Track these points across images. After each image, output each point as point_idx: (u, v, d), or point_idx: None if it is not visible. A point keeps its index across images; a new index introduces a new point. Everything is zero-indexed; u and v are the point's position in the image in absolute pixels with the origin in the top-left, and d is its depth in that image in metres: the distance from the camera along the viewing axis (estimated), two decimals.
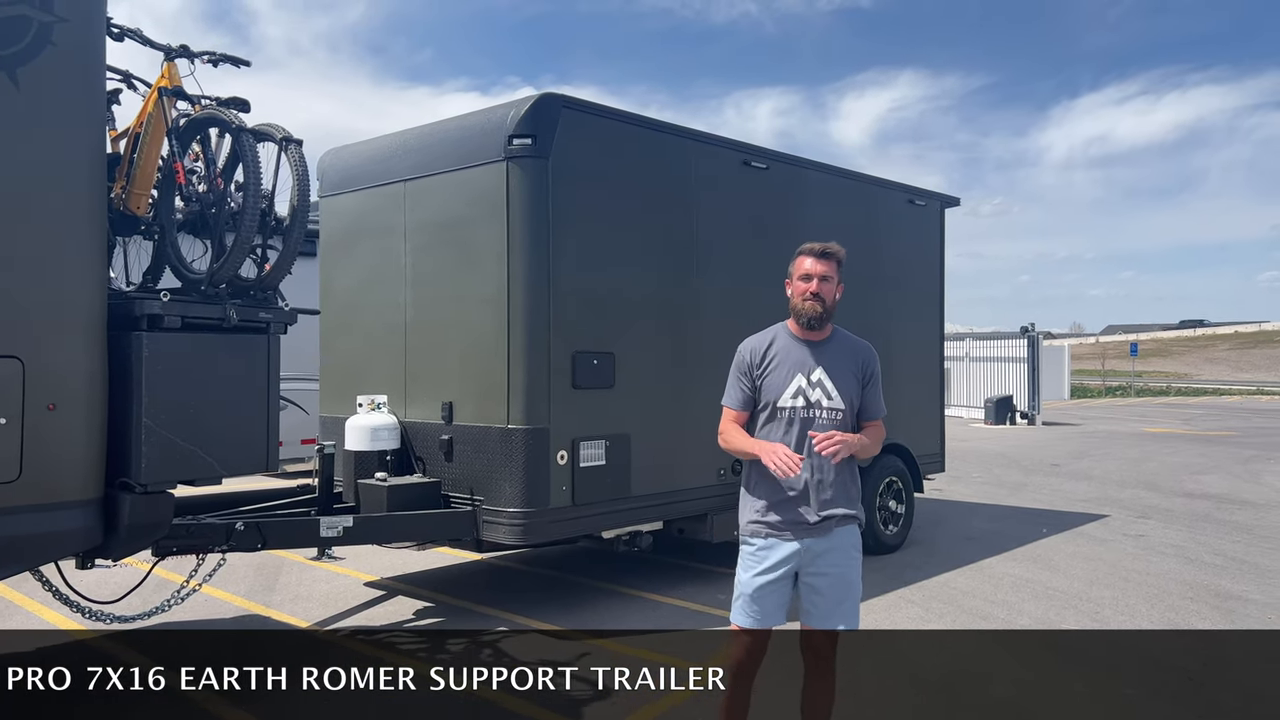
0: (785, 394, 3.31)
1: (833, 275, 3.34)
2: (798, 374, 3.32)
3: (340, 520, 5.51)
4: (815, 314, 3.31)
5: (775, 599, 3.30)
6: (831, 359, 3.35)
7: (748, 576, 3.33)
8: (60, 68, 4.04)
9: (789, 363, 3.34)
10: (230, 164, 4.99)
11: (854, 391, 3.35)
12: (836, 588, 3.29)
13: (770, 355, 3.37)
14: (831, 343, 3.39)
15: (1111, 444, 18.56)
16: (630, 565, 7.39)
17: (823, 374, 3.31)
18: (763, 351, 3.38)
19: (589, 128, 6.10)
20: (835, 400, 3.30)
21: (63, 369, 4.05)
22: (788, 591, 3.32)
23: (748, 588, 3.32)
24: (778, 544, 3.30)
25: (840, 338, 3.43)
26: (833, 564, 3.29)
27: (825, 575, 3.28)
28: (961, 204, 10.02)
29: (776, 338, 3.41)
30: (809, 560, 3.29)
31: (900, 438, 8.41)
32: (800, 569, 3.30)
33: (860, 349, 3.43)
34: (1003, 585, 7.04)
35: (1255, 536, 9.04)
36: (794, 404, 3.30)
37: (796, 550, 3.28)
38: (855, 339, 3.47)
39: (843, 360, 3.37)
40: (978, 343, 26.94)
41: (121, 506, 4.32)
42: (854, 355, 3.40)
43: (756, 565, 3.32)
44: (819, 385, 3.31)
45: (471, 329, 6.00)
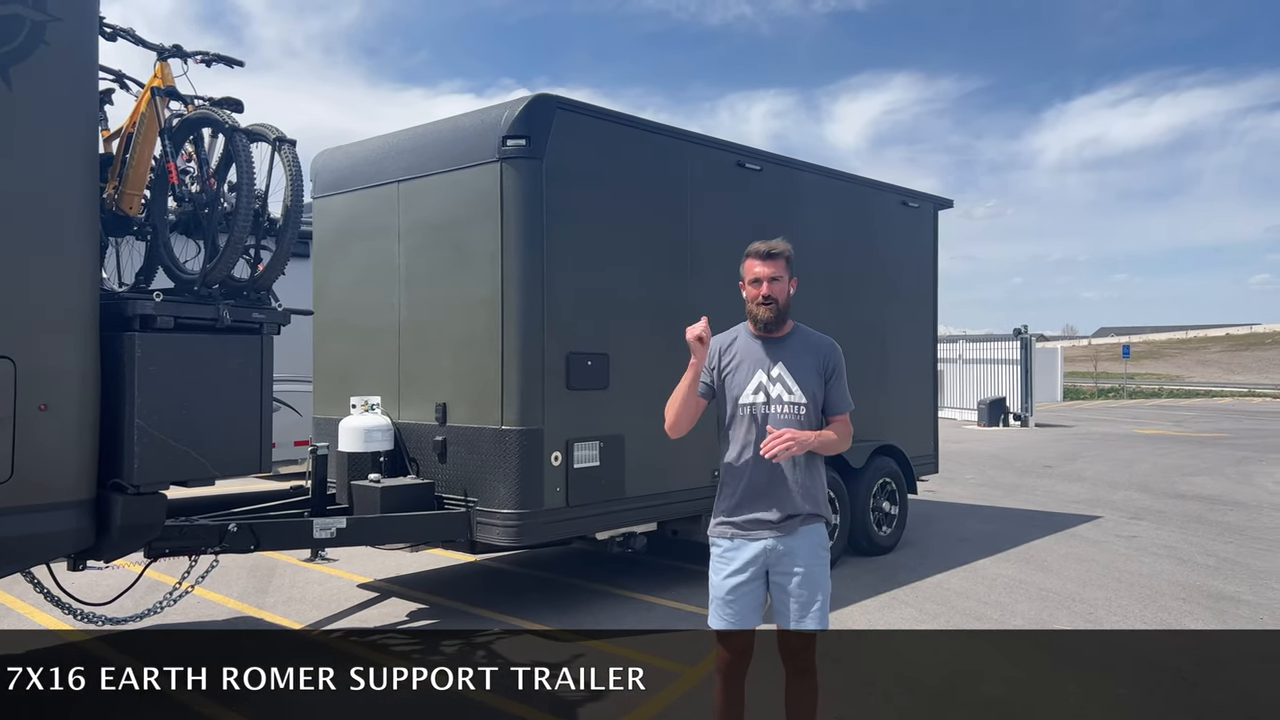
0: (746, 391, 3.33)
1: (782, 274, 3.35)
2: (757, 370, 3.34)
3: (333, 522, 5.50)
4: (770, 317, 3.34)
5: (749, 600, 3.31)
6: (791, 355, 3.37)
7: (718, 579, 3.34)
8: (53, 67, 4.03)
9: (749, 360, 3.36)
10: (223, 164, 4.97)
11: (816, 386, 3.35)
12: (804, 587, 3.28)
13: (731, 354, 3.39)
14: (792, 339, 3.41)
15: (1104, 446, 18.61)
16: (624, 567, 7.39)
17: (783, 369, 3.34)
18: (724, 350, 3.40)
19: (583, 129, 6.10)
20: (796, 395, 3.31)
21: (55, 369, 4.04)
22: (761, 592, 3.33)
23: (719, 590, 3.33)
24: (744, 544, 3.31)
25: (801, 334, 3.45)
26: (799, 563, 3.28)
27: (792, 575, 3.28)
28: (955, 206, 10.06)
29: (738, 337, 3.44)
30: (775, 560, 3.29)
31: (894, 439, 8.43)
32: (769, 569, 3.31)
33: (822, 344, 3.44)
34: (996, 586, 7.05)
35: (1247, 537, 9.07)
36: (755, 400, 3.32)
37: (763, 550, 3.29)
38: (817, 335, 3.48)
39: (803, 356, 3.38)
40: (971, 345, 27.00)
41: (114, 508, 4.30)
42: (815, 351, 3.41)
43: (726, 567, 3.33)
44: (779, 380, 3.33)
45: (465, 330, 6.00)
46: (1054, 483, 13.16)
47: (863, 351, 8.31)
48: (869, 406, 8.37)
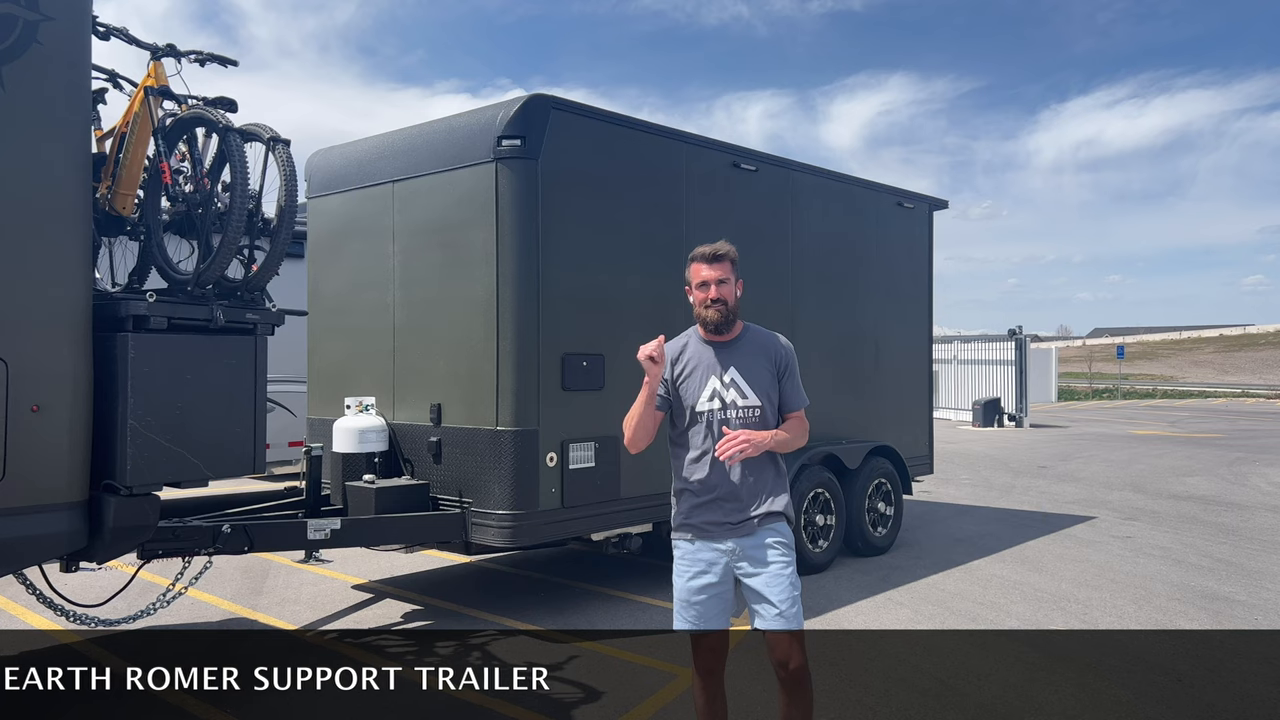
0: (701, 398, 3.31)
1: (728, 276, 3.32)
2: (711, 377, 3.32)
3: (328, 523, 5.49)
4: (719, 319, 3.31)
5: (713, 603, 3.26)
6: (743, 357, 3.34)
7: (680, 582, 3.30)
8: (46, 66, 4.01)
9: (702, 367, 3.34)
10: (217, 164, 4.95)
11: (769, 387, 3.33)
12: (772, 585, 3.21)
13: (684, 361, 3.37)
14: (742, 341, 3.38)
15: (1099, 446, 18.64)
16: (619, 567, 7.38)
17: (735, 373, 3.31)
18: (675, 358, 3.37)
19: (578, 129, 6.09)
20: (750, 398, 3.29)
21: (47, 370, 4.02)
22: (728, 595, 3.28)
23: (681, 593, 3.29)
24: (705, 546, 3.28)
25: (751, 334, 3.42)
26: (761, 563, 3.24)
27: (757, 574, 3.23)
28: (950, 207, 10.09)
29: (689, 343, 3.41)
30: (738, 560, 3.25)
31: (889, 440, 8.43)
32: (735, 570, 3.27)
33: (771, 342, 3.40)
34: (991, 587, 7.05)
35: (1241, 538, 9.09)
36: (710, 407, 3.30)
37: (725, 549, 3.26)
38: (767, 334, 3.44)
39: (755, 357, 3.35)
40: (966, 345, 27.04)
41: (107, 509, 4.29)
42: (766, 350, 3.38)
43: (688, 570, 3.29)
44: (732, 385, 3.30)
45: (460, 330, 5.98)
46: (1049, 483, 13.17)
47: (857, 352, 8.31)
48: (864, 407, 8.39)
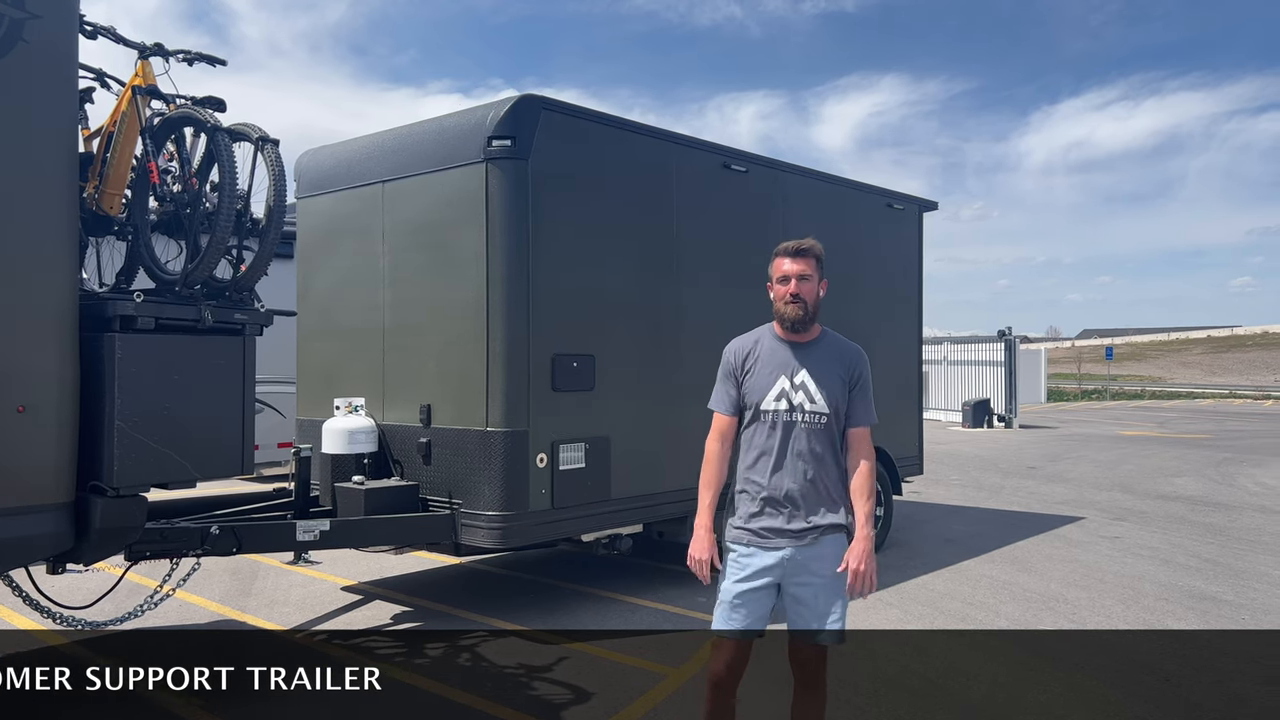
0: (768, 396, 3.25)
1: (812, 273, 3.26)
2: (780, 376, 3.25)
3: (317, 524, 5.46)
4: (798, 316, 3.24)
5: (756, 608, 3.23)
6: (816, 361, 3.27)
7: (729, 583, 3.27)
8: (32, 65, 3.98)
9: (772, 364, 3.27)
10: (205, 164, 4.93)
11: (839, 395, 3.26)
12: (821, 598, 3.20)
13: (754, 357, 3.31)
14: (819, 345, 3.32)
15: (1087, 447, 18.72)
16: (609, 568, 7.38)
17: (806, 376, 3.24)
18: (746, 353, 3.33)
19: (569, 129, 6.08)
20: (818, 404, 3.22)
21: (33, 371, 3.99)
22: (769, 601, 3.25)
23: (728, 594, 3.26)
24: (759, 552, 3.23)
25: (829, 340, 3.35)
26: (817, 574, 3.20)
27: (808, 585, 3.20)
28: (942, 209, 10.10)
29: (761, 339, 3.35)
30: (793, 570, 3.21)
31: (879, 440, 8.39)
32: (784, 579, 3.22)
33: (849, 352, 3.33)
34: (981, 587, 7.07)
35: (1229, 538, 9.14)
36: (777, 407, 3.24)
37: (779, 559, 3.21)
38: (845, 341, 3.38)
39: (828, 363, 3.28)
40: (955, 346, 27.11)
41: (93, 510, 4.25)
42: (841, 358, 3.31)
43: (739, 572, 3.25)
44: (802, 388, 3.23)
45: (450, 331, 5.97)
46: (1038, 484, 13.22)
47: None
48: None
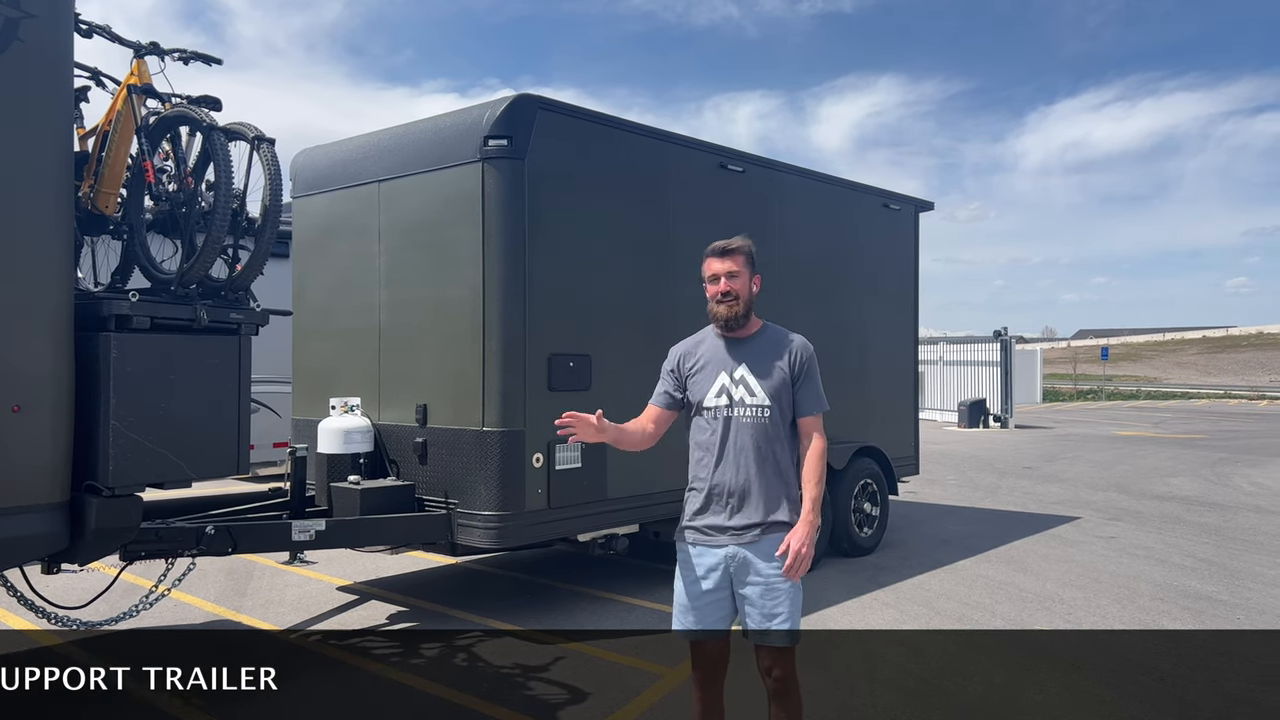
0: (709, 394, 3.27)
1: (740, 270, 3.28)
2: (721, 372, 3.27)
3: (312, 524, 5.46)
4: (730, 314, 3.26)
5: (712, 609, 3.21)
6: (756, 355, 3.28)
7: (680, 585, 3.27)
8: (27, 64, 3.97)
9: (714, 362, 3.30)
10: (201, 163, 4.92)
11: (781, 388, 3.25)
12: (767, 597, 3.15)
13: (696, 357, 3.34)
14: (758, 339, 3.33)
15: (1083, 447, 18.75)
16: (605, 568, 7.37)
17: (745, 370, 3.26)
18: (689, 354, 3.36)
19: (565, 129, 6.08)
20: (758, 397, 3.23)
21: (28, 370, 3.98)
22: (728, 601, 3.23)
23: (679, 595, 3.26)
24: (706, 550, 3.23)
25: (770, 333, 3.35)
26: (761, 573, 3.16)
27: (754, 585, 3.17)
28: (938, 209, 10.13)
29: (704, 340, 3.38)
30: (740, 570, 3.19)
31: (875, 440, 8.45)
32: (734, 577, 3.21)
33: (789, 343, 3.32)
34: (976, 587, 7.08)
35: (1224, 538, 9.16)
36: (717, 403, 3.26)
37: (724, 557, 3.20)
38: (786, 333, 3.37)
39: (768, 356, 3.28)
40: (951, 346, 27.14)
41: (88, 510, 4.24)
42: (782, 350, 3.30)
43: (688, 573, 3.26)
44: (741, 382, 3.25)
45: (446, 331, 5.96)
46: (1034, 484, 13.23)
47: (843, 353, 8.32)
48: (850, 408, 8.40)
